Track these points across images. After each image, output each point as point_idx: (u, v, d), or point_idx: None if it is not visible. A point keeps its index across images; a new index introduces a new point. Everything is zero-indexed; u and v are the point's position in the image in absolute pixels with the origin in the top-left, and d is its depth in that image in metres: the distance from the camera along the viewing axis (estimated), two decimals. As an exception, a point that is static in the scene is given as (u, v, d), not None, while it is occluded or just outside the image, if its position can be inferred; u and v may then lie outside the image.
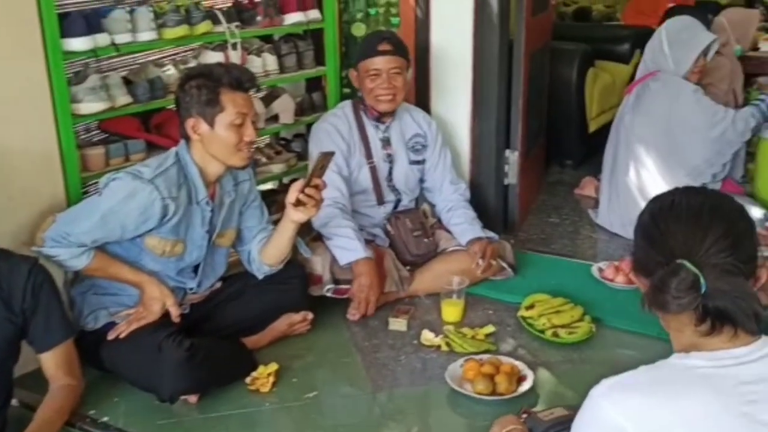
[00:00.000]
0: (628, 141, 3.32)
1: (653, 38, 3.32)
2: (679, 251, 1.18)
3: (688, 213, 1.22)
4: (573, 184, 4.04)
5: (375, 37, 2.87)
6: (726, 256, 1.16)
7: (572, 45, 4.15)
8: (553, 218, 3.63)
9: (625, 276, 2.86)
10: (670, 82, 3.23)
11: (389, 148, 2.91)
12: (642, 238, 1.28)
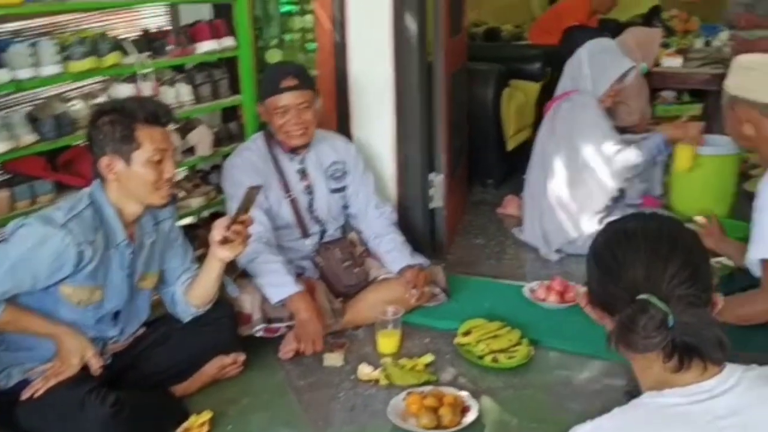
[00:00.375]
0: (545, 158, 3.36)
1: (573, 58, 3.37)
2: (642, 285, 1.14)
3: (647, 243, 1.18)
4: (496, 203, 4.05)
5: (277, 73, 2.74)
6: (688, 287, 1.13)
7: (487, 65, 4.19)
8: (480, 239, 3.63)
9: (557, 295, 2.87)
10: (578, 104, 3.28)
11: (307, 179, 2.81)
12: (598, 270, 1.23)
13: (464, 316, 2.72)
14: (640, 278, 1.15)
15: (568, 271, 3.19)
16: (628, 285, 1.16)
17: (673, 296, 1.12)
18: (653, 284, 1.14)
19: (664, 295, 1.12)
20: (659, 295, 1.12)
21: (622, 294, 1.16)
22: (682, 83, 5.14)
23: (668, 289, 1.13)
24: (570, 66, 3.38)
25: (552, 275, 3.06)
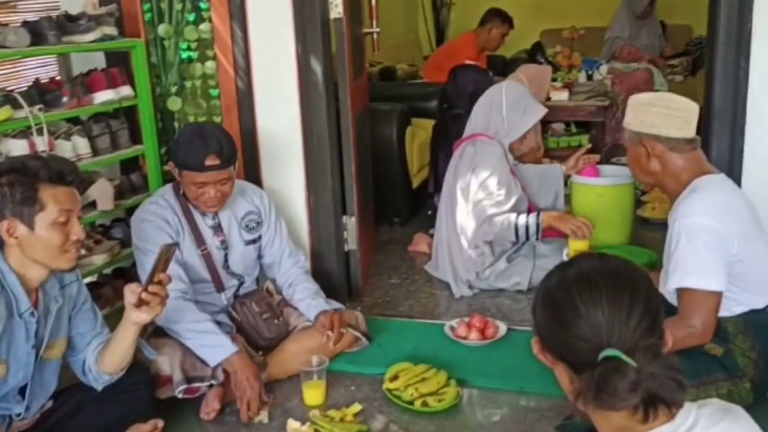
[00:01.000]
0: (451, 197, 3.41)
1: (488, 100, 3.44)
2: (605, 337, 1.11)
3: (608, 290, 1.14)
4: (405, 242, 4.06)
5: (201, 147, 2.51)
6: (650, 336, 1.12)
7: (388, 105, 4.22)
8: (394, 279, 3.61)
9: (478, 332, 2.88)
10: (480, 150, 3.33)
11: (221, 234, 2.71)
12: (553, 318, 1.19)
13: (388, 359, 2.69)
14: (603, 329, 1.12)
15: (484, 306, 3.22)
16: (591, 336, 1.12)
17: (638, 348, 1.10)
18: (618, 337, 1.11)
19: (629, 348, 1.10)
20: (625, 348, 1.10)
21: (583, 345, 1.13)
22: (570, 115, 5.37)
23: (633, 341, 1.11)
24: (484, 108, 3.44)
25: (470, 311, 3.09)
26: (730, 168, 2.62)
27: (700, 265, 2.07)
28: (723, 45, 2.61)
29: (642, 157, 2.25)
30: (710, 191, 2.15)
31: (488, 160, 3.29)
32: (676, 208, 2.17)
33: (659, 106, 2.23)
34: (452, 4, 7.34)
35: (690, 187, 2.18)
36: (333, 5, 3.04)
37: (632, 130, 2.26)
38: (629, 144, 2.29)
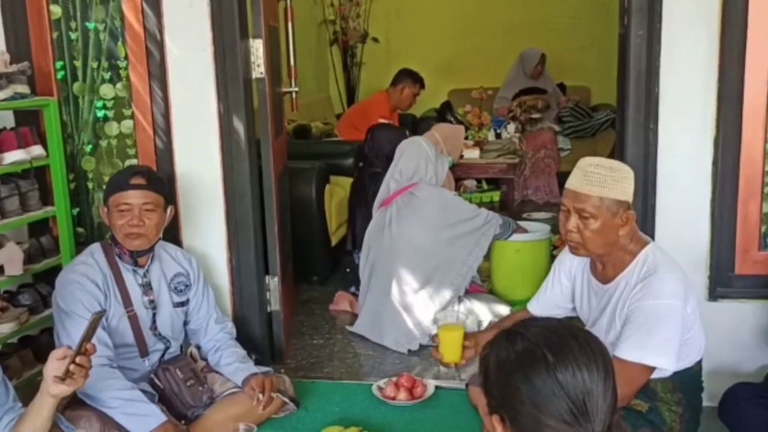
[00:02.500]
0: (396, 251, 3.42)
1: (412, 153, 3.60)
2: (583, 416, 1.08)
3: (586, 363, 1.11)
4: (325, 301, 4.02)
5: (128, 170, 2.65)
6: (615, 411, 1.11)
7: (307, 164, 4.22)
8: (317, 339, 3.55)
9: (406, 392, 2.86)
10: (434, 190, 3.53)
11: (151, 293, 2.62)
12: (527, 397, 1.12)
13: (317, 424, 2.63)
14: (590, 407, 1.09)
15: (410, 365, 3.20)
16: (568, 415, 1.09)
17: (612, 425, 1.09)
18: (595, 418, 1.09)
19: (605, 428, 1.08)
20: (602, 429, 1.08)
21: (557, 424, 1.10)
22: (482, 173, 5.54)
23: (607, 419, 1.09)
24: (410, 161, 3.58)
25: (397, 371, 3.06)
26: (644, 225, 2.73)
27: (663, 346, 2.07)
28: (633, 108, 2.74)
29: (616, 228, 2.11)
30: (675, 271, 2.14)
31: (444, 192, 3.56)
32: (645, 288, 2.10)
33: (624, 170, 2.15)
34: (362, 63, 7.48)
35: (643, 260, 2.15)
36: (255, 65, 3.04)
37: (614, 199, 2.08)
38: (602, 214, 2.08)
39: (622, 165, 2.17)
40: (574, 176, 2.13)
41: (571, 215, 2.13)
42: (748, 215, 2.72)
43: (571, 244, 2.17)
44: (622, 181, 2.09)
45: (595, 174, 2.08)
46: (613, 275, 2.21)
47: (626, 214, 2.11)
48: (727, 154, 2.67)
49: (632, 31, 2.67)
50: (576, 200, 2.10)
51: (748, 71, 2.60)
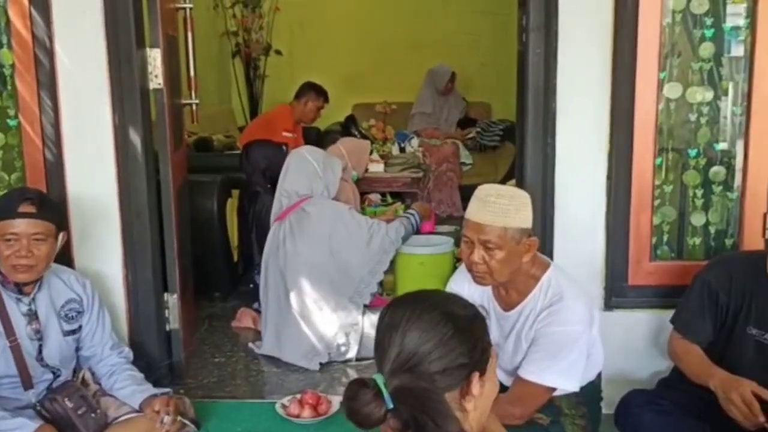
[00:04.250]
0: (291, 268, 3.37)
1: (298, 168, 3.53)
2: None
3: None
4: (227, 317, 3.92)
5: (17, 195, 2.43)
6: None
7: (209, 177, 4.13)
8: (219, 358, 3.46)
9: (311, 409, 2.81)
10: (326, 205, 3.47)
11: (37, 323, 2.45)
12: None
13: (219, 446, 2.55)
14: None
15: (315, 382, 3.16)
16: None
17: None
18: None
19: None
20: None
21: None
22: (387, 186, 5.55)
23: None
24: (301, 173, 3.53)
25: (302, 388, 3.01)
26: (543, 237, 2.80)
27: (569, 369, 2.11)
28: (531, 123, 2.81)
29: (520, 255, 2.11)
30: (580, 297, 2.18)
31: (340, 206, 3.51)
32: (553, 315, 2.11)
33: (523, 197, 2.16)
34: (266, 76, 7.40)
35: (546, 285, 2.17)
36: (153, 75, 2.94)
37: (517, 228, 2.08)
38: (507, 243, 2.07)
39: (520, 192, 2.17)
40: (475, 207, 2.10)
41: (475, 247, 2.10)
42: (640, 227, 2.83)
43: (477, 275, 2.14)
44: (523, 209, 2.10)
45: (497, 204, 2.07)
46: (517, 300, 2.21)
47: (529, 241, 2.12)
48: (620, 168, 2.78)
49: (530, 49, 2.74)
50: (480, 232, 2.08)
51: (638, 90, 2.72)
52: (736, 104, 2.77)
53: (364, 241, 3.44)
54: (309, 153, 3.64)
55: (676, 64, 2.74)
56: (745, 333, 2.29)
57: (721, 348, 2.35)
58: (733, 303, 2.30)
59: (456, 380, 1.22)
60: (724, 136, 2.80)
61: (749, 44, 2.71)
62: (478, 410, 1.27)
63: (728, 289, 2.30)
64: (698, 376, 2.28)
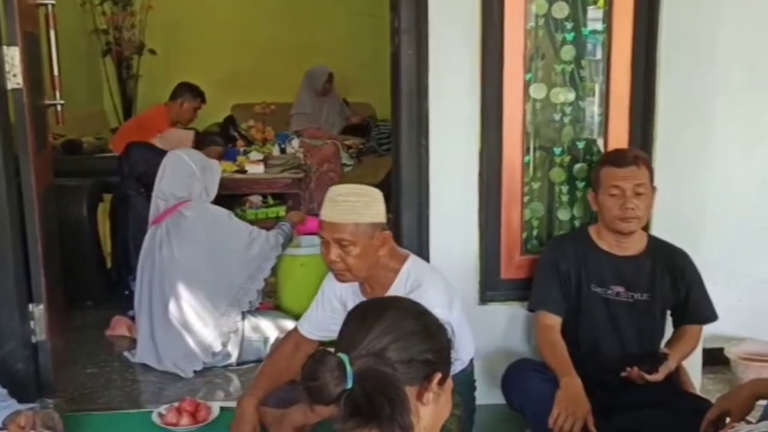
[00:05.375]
0: (168, 273, 3.28)
1: (180, 168, 3.44)
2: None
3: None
4: (100, 326, 3.77)
5: None
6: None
7: (77, 181, 3.95)
8: (91, 368, 3.32)
9: (189, 416, 2.74)
10: (205, 209, 3.40)
11: None
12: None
13: (91, 460, 2.45)
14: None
15: (195, 389, 3.09)
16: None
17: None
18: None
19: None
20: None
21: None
22: (267, 188, 5.49)
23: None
24: (179, 176, 3.43)
25: (181, 395, 2.94)
26: (419, 236, 2.86)
27: None
28: (405, 126, 2.86)
29: (375, 249, 2.19)
30: (436, 281, 2.26)
31: (218, 211, 3.44)
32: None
33: (372, 193, 2.24)
34: (139, 76, 7.16)
35: (406, 276, 2.25)
36: (11, 75, 2.79)
37: (369, 223, 2.15)
38: (360, 239, 2.15)
39: (369, 189, 2.26)
40: (326, 208, 2.18)
41: (331, 246, 2.17)
42: (510, 223, 2.94)
43: (337, 273, 2.23)
44: (372, 205, 2.19)
45: (347, 202, 2.15)
46: (381, 294, 2.26)
47: (382, 235, 2.20)
48: (490, 167, 2.87)
49: (402, 51, 2.79)
50: (333, 231, 2.15)
51: (505, 91, 2.82)
52: (596, 104, 2.92)
53: (244, 246, 3.39)
54: (186, 154, 3.57)
55: (540, 66, 2.86)
56: (590, 291, 2.62)
57: (576, 308, 2.64)
58: (573, 268, 2.64)
59: (418, 375, 1.24)
60: (585, 134, 2.94)
61: (606, 48, 2.86)
62: (429, 419, 1.28)
63: (564, 258, 2.66)
64: (555, 369, 2.50)
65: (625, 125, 2.90)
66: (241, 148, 5.70)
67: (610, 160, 2.64)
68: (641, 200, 2.55)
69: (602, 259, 2.64)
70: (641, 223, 2.61)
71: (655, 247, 2.67)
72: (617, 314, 2.62)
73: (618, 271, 2.63)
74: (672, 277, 2.63)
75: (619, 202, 2.55)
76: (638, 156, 2.61)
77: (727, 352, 3.17)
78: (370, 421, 1.15)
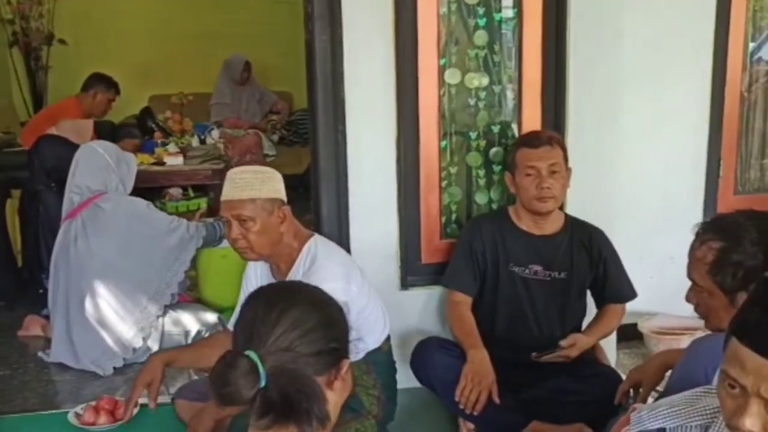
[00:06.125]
0: (84, 268, 3.19)
1: (95, 160, 3.36)
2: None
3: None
4: (13, 327, 3.63)
5: None
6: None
7: (-18, 177, 3.78)
8: (3, 370, 3.20)
9: (107, 415, 2.68)
10: (122, 201, 3.33)
11: None
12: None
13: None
14: None
15: (114, 386, 3.02)
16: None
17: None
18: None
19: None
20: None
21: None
22: (187, 180, 5.38)
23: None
24: (94, 169, 3.35)
25: (100, 394, 2.86)
26: (339, 224, 2.85)
27: None
28: (322, 113, 2.84)
29: (276, 226, 2.22)
30: (332, 255, 2.30)
31: (137, 202, 3.38)
32: (309, 278, 2.16)
33: (268, 171, 2.32)
34: (49, 67, 6.89)
35: (306, 253, 2.28)
36: None
37: (266, 198, 2.19)
38: (259, 214, 2.18)
39: (265, 168, 2.34)
40: (225, 187, 2.24)
41: (232, 224, 2.21)
42: (429, 208, 2.96)
43: (240, 250, 2.26)
44: (269, 181, 2.23)
45: (242, 180, 2.20)
46: (286, 272, 2.32)
47: (281, 211, 2.25)
48: (408, 153, 2.89)
49: (316, 37, 2.77)
50: (232, 208, 2.20)
51: (421, 76, 2.84)
52: (510, 89, 2.97)
53: (164, 238, 3.32)
54: (100, 146, 3.49)
55: (454, 51, 2.89)
56: (508, 271, 2.68)
57: (493, 287, 2.70)
58: (489, 247, 2.69)
59: (327, 364, 1.24)
60: (500, 118, 2.99)
61: (518, 33, 2.91)
62: (335, 403, 1.28)
63: (480, 238, 2.70)
64: (462, 342, 2.57)
65: (537, 109, 2.96)
66: (159, 140, 5.56)
67: (525, 141, 2.70)
68: (556, 179, 2.61)
69: (520, 239, 2.70)
70: (557, 202, 2.68)
71: (572, 226, 2.74)
72: (535, 293, 2.68)
73: (536, 250, 2.69)
74: (589, 255, 2.70)
75: (535, 182, 2.60)
76: (552, 137, 2.68)
77: (641, 327, 3.30)
78: (287, 418, 1.15)
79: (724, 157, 3.38)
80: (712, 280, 1.74)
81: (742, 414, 1.06)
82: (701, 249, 1.76)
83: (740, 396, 1.07)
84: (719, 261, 1.72)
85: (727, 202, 3.29)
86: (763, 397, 1.05)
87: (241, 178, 2.21)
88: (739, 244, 1.70)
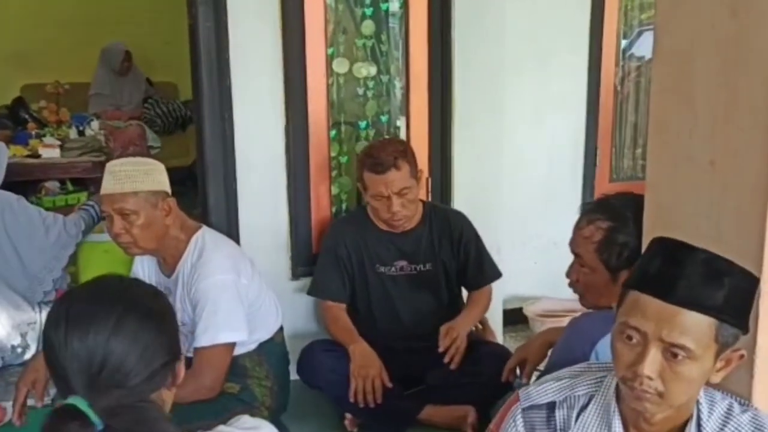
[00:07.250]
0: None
1: None
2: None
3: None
4: None
5: None
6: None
7: None
8: None
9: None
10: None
11: None
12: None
13: None
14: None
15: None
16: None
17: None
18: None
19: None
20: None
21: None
22: (65, 173, 5.14)
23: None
24: None
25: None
26: (227, 213, 2.79)
27: (230, 321, 2.15)
28: (207, 100, 2.76)
29: (161, 219, 2.16)
30: (220, 247, 2.24)
31: (9, 197, 3.13)
32: (197, 271, 2.16)
33: (150, 162, 2.25)
34: None
35: (194, 245, 2.23)
36: None
37: (149, 191, 2.12)
38: (142, 207, 2.11)
39: (147, 159, 2.28)
40: (105, 181, 2.15)
41: (114, 219, 2.13)
42: (319, 197, 2.96)
43: (123, 245, 2.19)
44: (151, 173, 2.16)
45: (123, 172, 2.13)
46: (173, 265, 2.26)
47: (166, 203, 2.18)
48: (297, 141, 2.87)
49: (200, 23, 2.70)
50: (113, 202, 2.12)
51: (308, 65, 2.83)
52: (397, 79, 3.00)
53: (38, 234, 3.14)
54: None
55: (342, 40, 2.89)
56: (376, 272, 2.69)
57: (364, 290, 2.71)
58: (353, 251, 2.69)
59: (162, 380, 1.17)
60: (388, 108, 3.02)
61: (404, 24, 2.94)
62: (174, 394, 1.24)
63: (344, 242, 2.69)
64: (343, 341, 2.59)
65: (424, 99, 3.01)
66: (33, 131, 5.28)
67: (369, 166, 2.58)
68: (407, 199, 2.59)
69: (382, 238, 2.71)
70: (412, 217, 2.67)
71: (431, 215, 2.75)
72: (406, 287, 2.71)
73: (398, 247, 2.71)
74: (450, 241, 2.73)
75: (385, 206, 2.59)
76: (396, 156, 2.55)
77: (526, 310, 3.41)
78: None
79: (600, 147, 3.55)
80: (599, 258, 1.80)
81: (641, 361, 1.16)
82: (588, 228, 1.82)
83: (639, 345, 1.18)
84: (607, 240, 1.79)
85: (603, 189, 3.46)
86: (664, 340, 1.14)
87: (121, 170, 2.12)
88: (626, 225, 1.77)
